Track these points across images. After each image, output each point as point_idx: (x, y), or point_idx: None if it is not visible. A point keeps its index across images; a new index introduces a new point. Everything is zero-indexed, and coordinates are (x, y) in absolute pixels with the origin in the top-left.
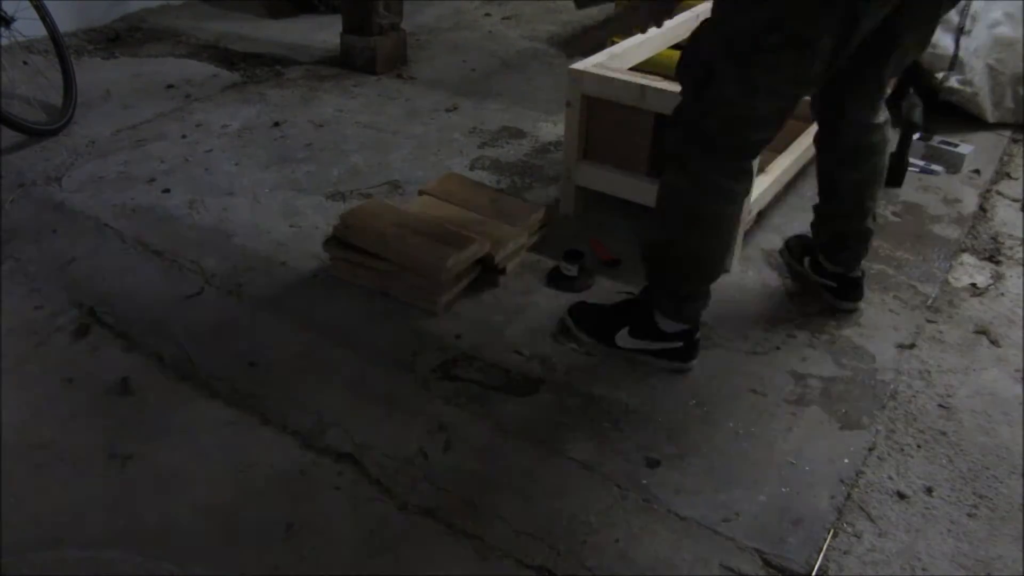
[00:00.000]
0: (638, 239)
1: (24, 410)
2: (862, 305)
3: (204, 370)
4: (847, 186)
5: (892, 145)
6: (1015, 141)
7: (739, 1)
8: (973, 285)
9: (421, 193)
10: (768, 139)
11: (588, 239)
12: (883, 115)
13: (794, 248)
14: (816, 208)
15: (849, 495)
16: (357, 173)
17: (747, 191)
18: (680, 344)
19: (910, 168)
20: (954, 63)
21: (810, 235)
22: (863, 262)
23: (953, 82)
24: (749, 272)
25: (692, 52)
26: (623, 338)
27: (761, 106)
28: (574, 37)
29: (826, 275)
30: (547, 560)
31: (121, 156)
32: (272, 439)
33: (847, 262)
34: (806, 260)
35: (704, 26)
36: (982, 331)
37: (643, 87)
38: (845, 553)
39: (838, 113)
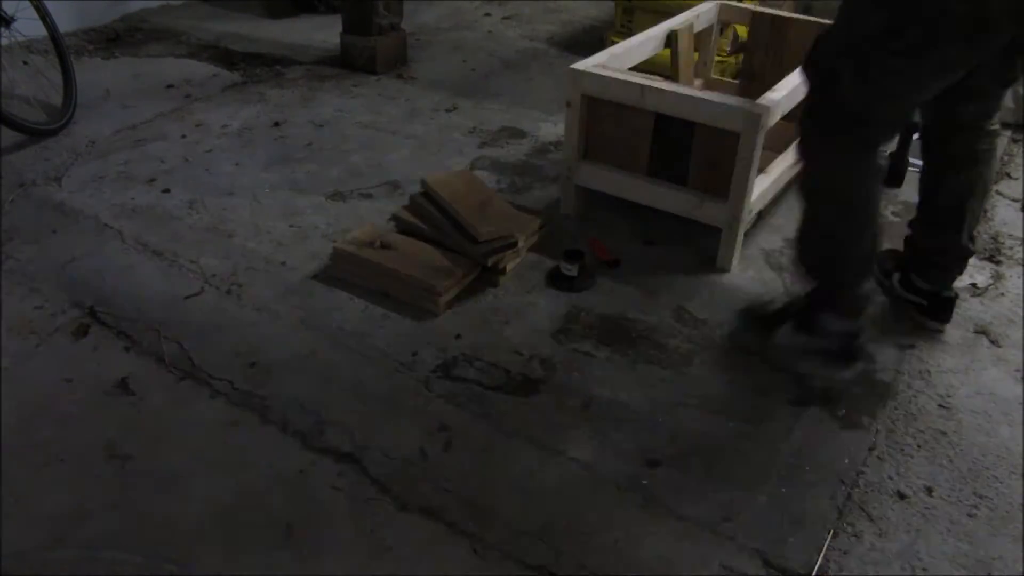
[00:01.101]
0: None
1: (24, 410)
2: (949, 328)
3: (204, 370)
4: (948, 193)
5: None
6: (1015, 141)
7: (861, 7)
8: (973, 285)
9: (424, 187)
10: (892, 133)
11: (588, 239)
12: (996, 123)
13: (883, 261)
14: (912, 222)
15: (849, 495)
16: (357, 173)
17: (872, 177)
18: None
19: (910, 168)
20: None
21: (902, 249)
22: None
23: None
24: (749, 272)
25: (816, 54)
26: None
27: (879, 107)
28: (574, 37)
29: (916, 292)
30: (547, 560)
31: (121, 156)
32: (272, 439)
33: (940, 279)
34: (895, 275)
35: (828, 30)
36: (982, 331)
37: (643, 87)
38: (845, 553)
39: (950, 115)
